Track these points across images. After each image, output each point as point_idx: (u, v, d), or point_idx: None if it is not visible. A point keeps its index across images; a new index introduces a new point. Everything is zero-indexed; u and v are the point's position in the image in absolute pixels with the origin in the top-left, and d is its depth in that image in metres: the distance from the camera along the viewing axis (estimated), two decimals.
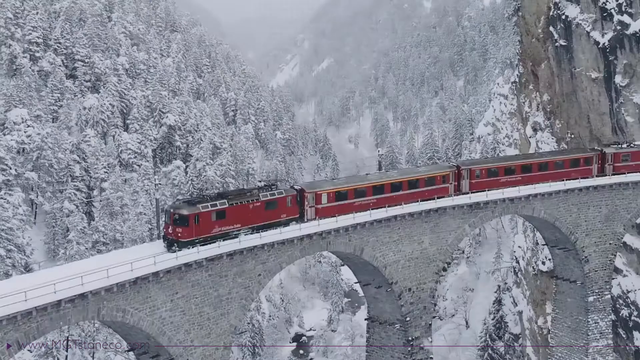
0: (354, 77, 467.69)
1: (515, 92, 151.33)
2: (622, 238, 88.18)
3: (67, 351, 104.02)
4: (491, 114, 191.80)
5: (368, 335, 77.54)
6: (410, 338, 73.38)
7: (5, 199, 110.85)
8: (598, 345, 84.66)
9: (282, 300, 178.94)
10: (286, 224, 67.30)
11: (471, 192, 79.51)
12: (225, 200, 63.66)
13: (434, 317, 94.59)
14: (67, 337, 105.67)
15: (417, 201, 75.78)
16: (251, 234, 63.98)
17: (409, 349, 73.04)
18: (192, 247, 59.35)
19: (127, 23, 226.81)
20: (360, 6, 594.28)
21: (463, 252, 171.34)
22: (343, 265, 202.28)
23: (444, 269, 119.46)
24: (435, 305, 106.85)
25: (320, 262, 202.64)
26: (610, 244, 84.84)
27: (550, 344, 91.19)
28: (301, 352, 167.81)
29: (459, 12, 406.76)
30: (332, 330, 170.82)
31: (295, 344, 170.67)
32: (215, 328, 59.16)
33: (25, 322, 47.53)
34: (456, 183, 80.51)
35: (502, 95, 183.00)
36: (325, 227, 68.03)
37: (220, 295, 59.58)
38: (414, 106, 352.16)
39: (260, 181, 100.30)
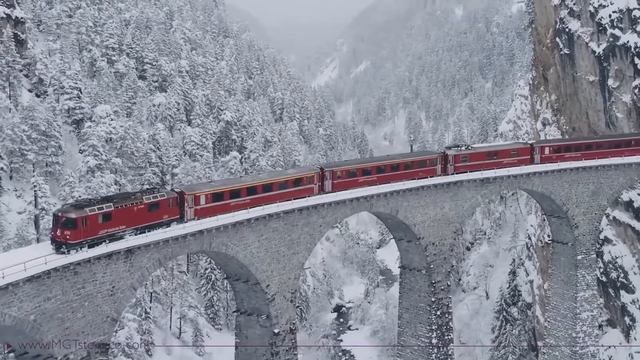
0: (389, 79, 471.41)
1: (529, 92, 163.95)
2: (605, 209, 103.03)
3: (150, 302, 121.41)
4: (513, 112, 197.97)
5: (400, 280, 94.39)
6: (433, 281, 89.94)
7: (100, 179, 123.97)
8: (585, 295, 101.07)
9: (325, 276, 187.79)
10: (167, 224, 68.33)
11: (333, 192, 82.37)
12: (111, 204, 63.88)
13: (452, 266, 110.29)
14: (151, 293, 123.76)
15: (289, 200, 78.03)
16: (136, 234, 64.99)
17: (432, 289, 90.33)
18: (81, 249, 59.86)
19: (186, 30, 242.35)
20: (396, 13, 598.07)
21: (485, 233, 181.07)
22: (379, 247, 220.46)
23: (461, 232, 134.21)
24: (452, 266, 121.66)
25: (358, 243, 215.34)
26: (595, 213, 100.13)
27: (547, 295, 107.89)
28: (341, 320, 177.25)
29: (488, 19, 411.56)
30: (369, 302, 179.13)
31: (336, 313, 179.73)
32: (289, 263, 76.90)
33: (164, 247, 66.07)
34: (320, 183, 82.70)
35: (522, 96, 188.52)
36: (367, 193, 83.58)
37: (292, 239, 76.91)
38: (445, 106, 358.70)
39: (142, 184, 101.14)
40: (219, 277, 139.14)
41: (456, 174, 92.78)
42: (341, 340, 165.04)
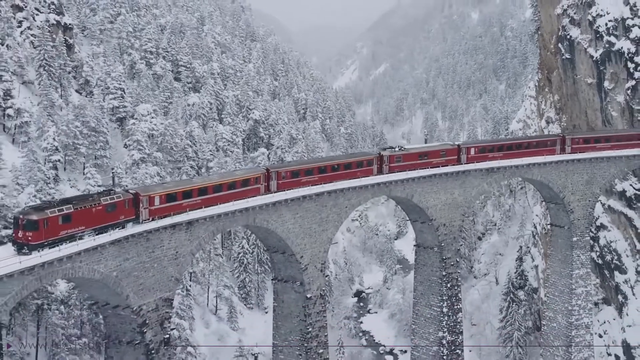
0: (407, 80, 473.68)
1: (536, 93, 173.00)
2: (598, 197, 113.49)
3: (190, 282, 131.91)
4: (522, 112, 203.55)
5: (415, 257, 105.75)
6: (444, 257, 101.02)
7: (145, 171, 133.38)
8: (580, 272, 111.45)
9: (346, 264, 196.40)
10: (123, 225, 68.85)
11: (278, 191, 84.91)
12: (71, 205, 64.19)
13: (460, 245, 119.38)
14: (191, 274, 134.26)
15: (237, 200, 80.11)
16: (95, 235, 65.65)
17: (443, 265, 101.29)
18: (42, 250, 60.75)
19: (216, 34, 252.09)
20: (414, 17, 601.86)
21: (495, 224, 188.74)
22: (397, 239, 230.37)
23: (473, 223, 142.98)
24: (461, 245, 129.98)
25: (377, 234, 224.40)
26: (589, 200, 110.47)
27: (547, 273, 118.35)
28: (361, 304, 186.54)
29: (502, 23, 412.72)
30: (387, 288, 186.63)
31: (356, 298, 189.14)
32: (319, 238, 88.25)
33: (216, 221, 77.38)
34: (267, 184, 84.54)
35: (531, 97, 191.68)
36: (388, 179, 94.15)
37: (322, 217, 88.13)
38: (460, 107, 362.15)
39: (99, 186, 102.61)
40: (250, 261, 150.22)
41: (390, 173, 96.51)
42: (361, 322, 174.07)
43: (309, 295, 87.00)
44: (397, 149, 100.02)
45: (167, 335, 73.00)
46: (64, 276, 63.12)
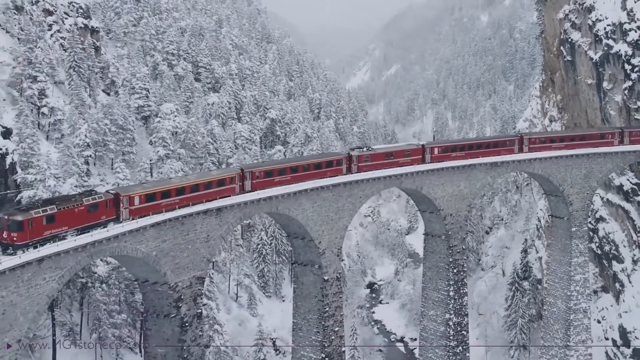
0: (418, 81, 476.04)
1: (540, 93, 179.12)
2: (595, 190, 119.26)
3: (212, 270, 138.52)
4: (529, 111, 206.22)
5: (424, 245, 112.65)
6: (450, 245, 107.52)
7: (170, 166, 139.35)
8: (578, 260, 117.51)
9: (359, 257, 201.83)
10: (105, 224, 69.66)
11: (252, 191, 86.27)
12: (54, 206, 64.73)
13: (467, 232, 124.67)
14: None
15: (215, 199, 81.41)
16: (77, 235, 66.26)
17: (450, 252, 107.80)
18: (27, 250, 61.36)
19: (233, 36, 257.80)
20: (425, 19, 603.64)
21: (502, 219, 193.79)
22: (408, 234, 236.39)
23: (478, 210, 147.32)
24: (467, 233, 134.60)
25: (389, 229, 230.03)
26: (587, 193, 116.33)
27: (548, 261, 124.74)
28: (373, 295, 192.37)
29: (511, 25, 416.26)
30: (398, 280, 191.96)
31: (368, 289, 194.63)
32: (335, 225, 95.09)
33: (243, 208, 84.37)
34: (241, 183, 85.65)
35: (537, 97, 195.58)
36: (398, 172, 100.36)
37: (339, 206, 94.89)
38: (470, 107, 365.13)
39: (88, 186, 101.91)
40: (269, 252, 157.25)
41: (359, 172, 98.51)
42: (373, 312, 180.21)
43: (326, 278, 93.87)
44: (364, 149, 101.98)
45: (200, 310, 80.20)
46: (111, 254, 70.38)
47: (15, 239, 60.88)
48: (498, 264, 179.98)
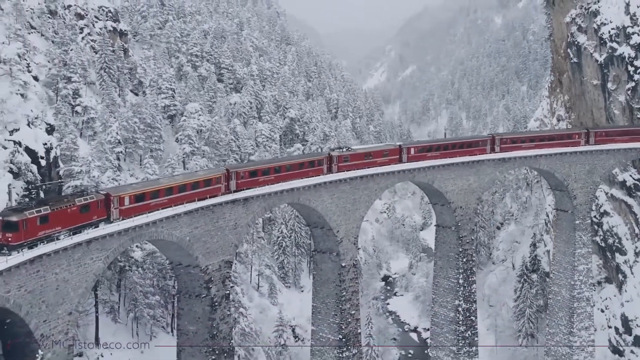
0: (433, 82, 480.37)
1: (548, 93, 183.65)
2: (599, 185, 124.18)
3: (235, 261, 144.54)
4: (540, 111, 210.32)
5: (436, 235, 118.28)
6: (460, 236, 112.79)
7: (195, 163, 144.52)
8: (581, 252, 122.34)
9: (374, 251, 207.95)
10: (96, 224, 70.03)
11: (237, 191, 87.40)
12: (48, 207, 64.64)
13: (478, 226, 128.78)
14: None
15: (203, 198, 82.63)
16: (70, 235, 66.44)
17: (459, 242, 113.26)
18: (21, 250, 61.13)
19: (254, 38, 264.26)
20: (440, 21, 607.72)
21: (513, 214, 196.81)
22: (422, 230, 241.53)
23: (492, 214, 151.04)
24: (475, 224, 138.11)
25: (403, 225, 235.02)
26: (590, 188, 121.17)
27: (553, 252, 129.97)
28: (388, 287, 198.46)
29: (525, 27, 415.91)
30: (412, 273, 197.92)
31: (383, 282, 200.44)
32: (352, 216, 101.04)
33: (267, 199, 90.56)
34: (227, 183, 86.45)
35: (547, 97, 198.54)
36: (413, 166, 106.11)
37: (355, 198, 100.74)
38: (484, 107, 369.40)
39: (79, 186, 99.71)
40: (288, 244, 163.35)
41: (339, 172, 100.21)
42: (388, 303, 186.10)
43: (343, 264, 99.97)
44: (344, 150, 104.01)
45: (227, 292, 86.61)
46: (149, 238, 76.96)
47: (10, 239, 60.92)
48: (508, 258, 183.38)
